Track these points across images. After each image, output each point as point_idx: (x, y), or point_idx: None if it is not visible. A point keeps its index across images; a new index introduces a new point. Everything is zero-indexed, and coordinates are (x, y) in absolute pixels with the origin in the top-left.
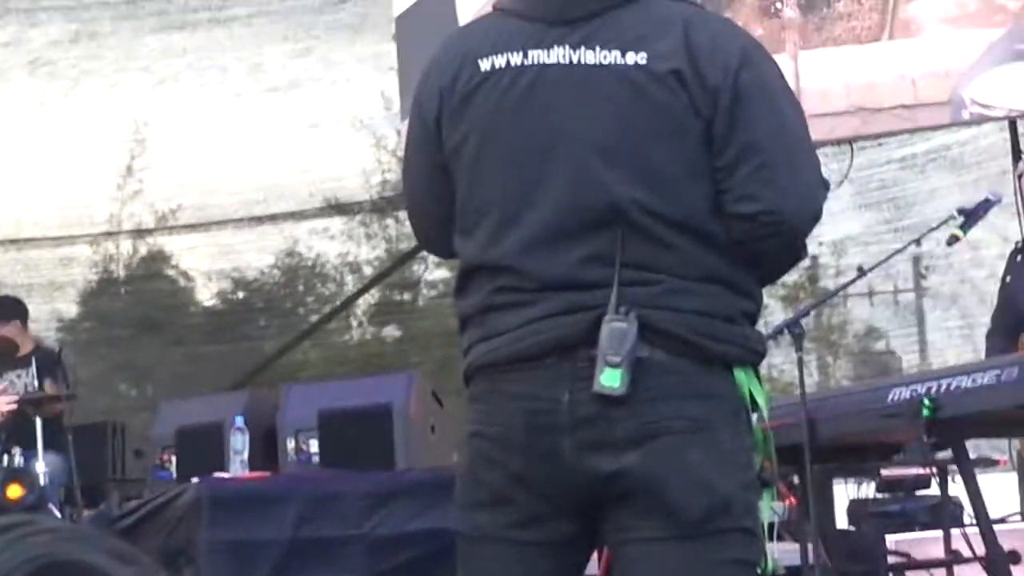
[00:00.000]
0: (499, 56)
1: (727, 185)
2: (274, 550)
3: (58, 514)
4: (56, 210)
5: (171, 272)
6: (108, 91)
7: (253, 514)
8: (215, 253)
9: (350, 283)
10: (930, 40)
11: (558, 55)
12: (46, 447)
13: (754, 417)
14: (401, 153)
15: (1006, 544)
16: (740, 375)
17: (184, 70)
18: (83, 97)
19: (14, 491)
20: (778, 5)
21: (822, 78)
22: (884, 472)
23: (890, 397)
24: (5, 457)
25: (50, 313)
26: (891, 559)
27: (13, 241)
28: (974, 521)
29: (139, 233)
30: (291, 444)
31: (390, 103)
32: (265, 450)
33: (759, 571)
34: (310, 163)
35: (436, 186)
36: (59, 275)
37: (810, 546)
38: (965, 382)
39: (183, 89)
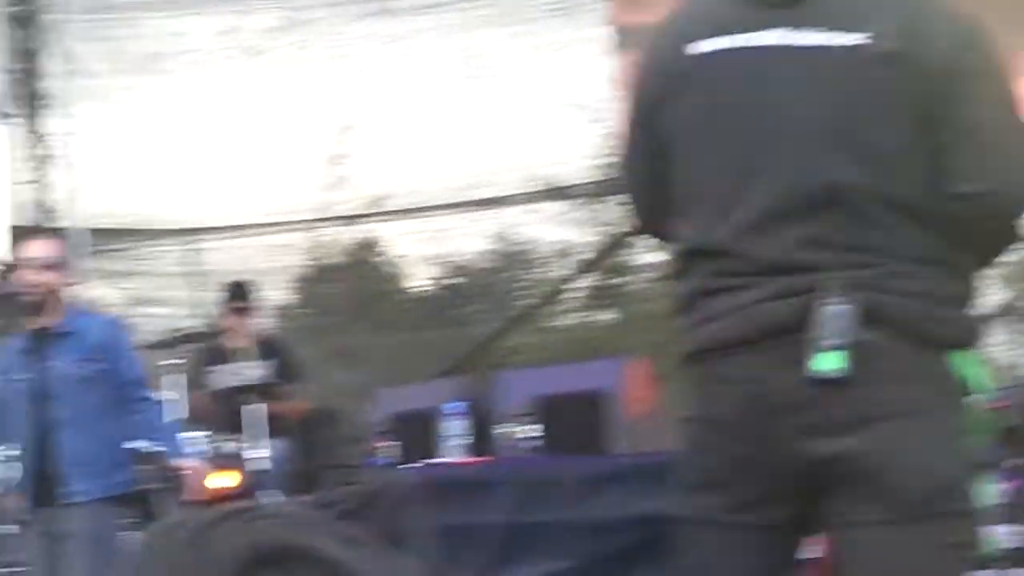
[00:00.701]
0: (715, 39)
1: (947, 165)
2: (491, 535)
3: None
4: (268, 197)
5: (382, 258)
6: (318, 78)
7: (470, 499)
8: (427, 238)
9: (563, 268)
10: None
11: (775, 37)
12: (269, 434)
13: (972, 399)
14: (617, 136)
15: None
16: (957, 358)
17: (394, 56)
18: (294, 84)
19: (222, 479)
20: None
21: None
22: None
23: None
24: (221, 445)
25: (267, 300)
26: None
27: (229, 228)
28: None
29: (350, 219)
30: (506, 430)
31: (607, 86)
32: (480, 435)
33: (978, 553)
34: (522, 147)
35: (653, 170)
36: (273, 262)
37: None
38: None
39: (393, 75)
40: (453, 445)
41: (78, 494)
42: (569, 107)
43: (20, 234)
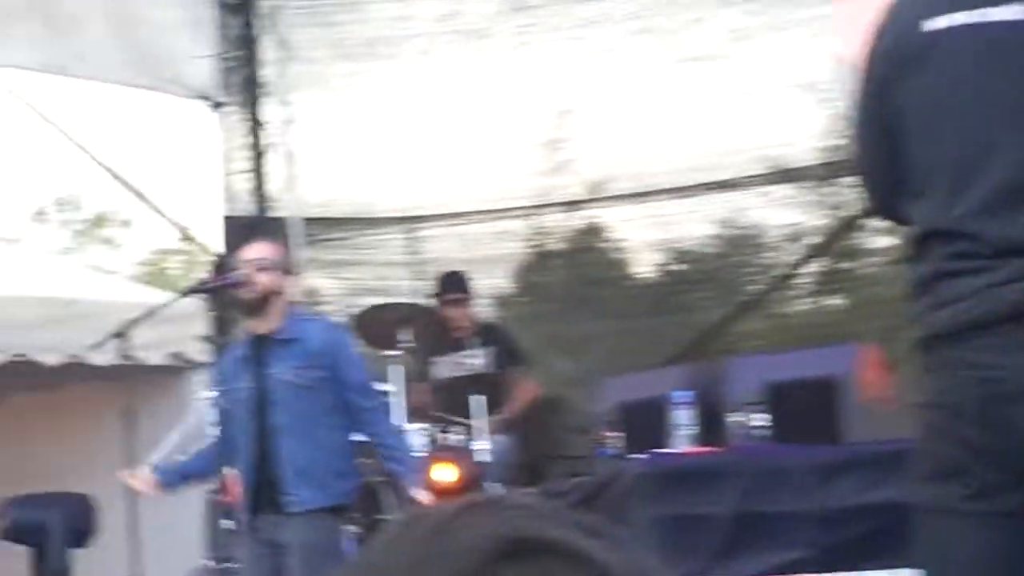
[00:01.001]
0: (951, 16)
1: None
2: (721, 524)
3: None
4: (489, 182)
5: (606, 244)
6: (538, 61)
7: (700, 489)
8: (651, 224)
9: (792, 252)
10: None
11: (1014, 12)
12: (491, 424)
13: None
14: (847, 116)
15: None
16: None
17: (616, 37)
18: (514, 68)
19: (446, 471)
20: None
21: None
22: None
23: None
24: (444, 436)
25: (487, 288)
26: None
27: (449, 216)
28: None
29: (571, 205)
30: (737, 418)
31: (834, 65)
32: (709, 424)
33: None
34: (750, 128)
35: (885, 149)
36: (494, 249)
37: None
38: None
39: (614, 57)
40: (681, 434)
41: (297, 503)
42: (796, 87)
43: (234, 225)
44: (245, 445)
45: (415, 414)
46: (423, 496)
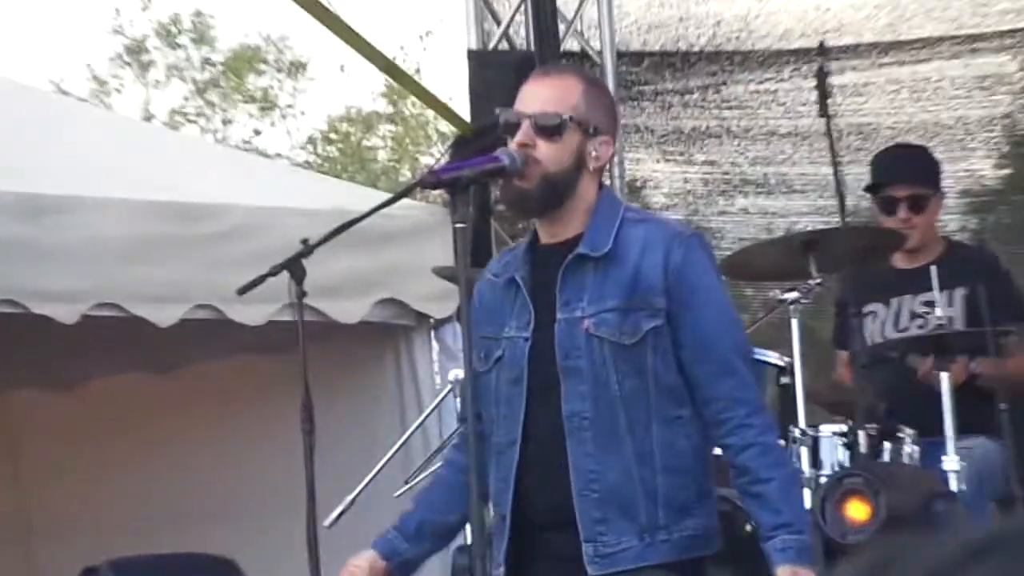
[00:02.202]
0: None
1: None
2: None
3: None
4: None
5: None
6: None
7: None
8: None
9: None
10: None
11: None
12: (971, 428)
13: None
14: None
15: None
16: None
17: None
18: None
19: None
20: None
21: None
22: None
23: None
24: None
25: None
26: None
27: (892, 46)
28: None
29: None
30: None
31: None
32: None
33: None
34: None
35: None
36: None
37: None
38: None
39: None
40: None
41: (608, 556)
42: None
43: (488, 63)
44: (508, 449)
45: (824, 404)
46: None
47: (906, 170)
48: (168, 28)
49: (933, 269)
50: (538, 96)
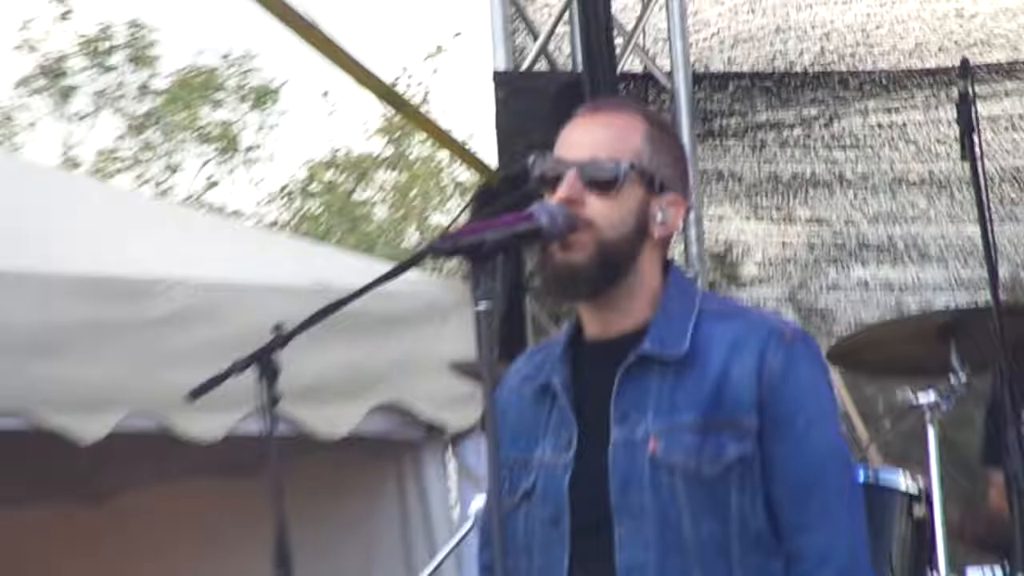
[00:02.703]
0: None
1: None
2: None
3: None
4: None
5: None
6: None
7: None
8: None
9: None
10: None
11: None
12: None
13: None
14: None
15: None
16: None
17: None
18: None
19: None
20: None
21: None
22: None
23: None
24: None
25: None
26: None
27: None
28: None
29: None
30: None
31: None
32: None
33: None
34: None
35: None
36: None
37: None
38: None
39: None
40: None
41: None
42: None
43: (522, 89)
44: None
45: (972, 544)
46: None
47: None
48: (95, 44)
49: None
50: (588, 138)
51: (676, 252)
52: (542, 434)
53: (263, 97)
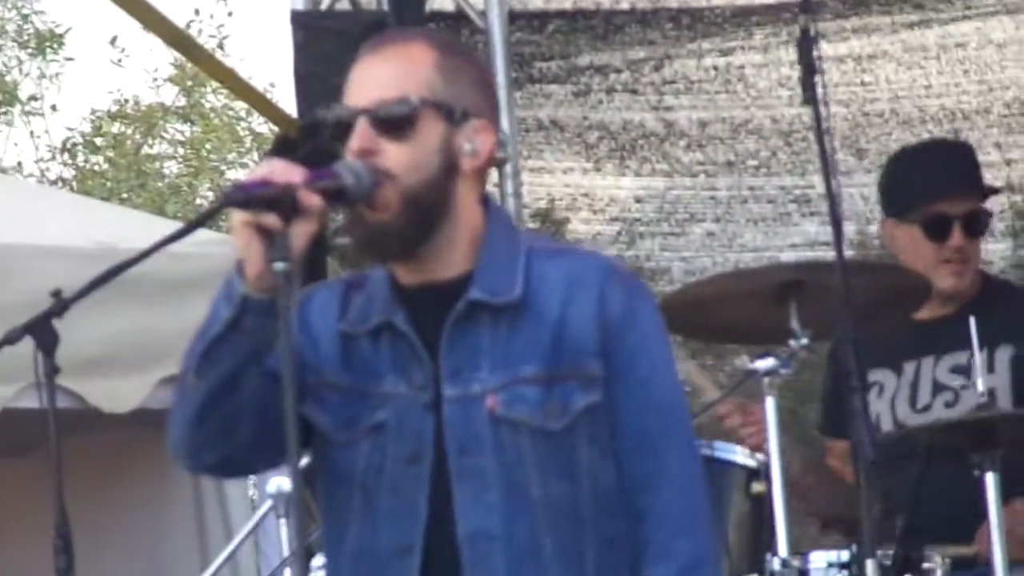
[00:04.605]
0: None
1: None
2: None
3: None
4: None
5: None
6: None
7: None
8: None
9: None
10: None
11: None
12: None
13: None
14: None
15: None
16: None
17: None
18: None
19: None
20: None
21: None
22: None
23: None
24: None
25: None
26: None
27: None
28: None
29: None
30: None
31: None
32: None
33: None
34: None
35: None
36: None
37: None
38: None
39: None
40: None
41: None
42: None
43: (318, 28)
44: (393, 560)
45: (811, 510)
46: None
47: (958, 176)
48: None
49: (972, 320)
50: (373, 78)
51: None
52: (387, 369)
53: (45, 43)
